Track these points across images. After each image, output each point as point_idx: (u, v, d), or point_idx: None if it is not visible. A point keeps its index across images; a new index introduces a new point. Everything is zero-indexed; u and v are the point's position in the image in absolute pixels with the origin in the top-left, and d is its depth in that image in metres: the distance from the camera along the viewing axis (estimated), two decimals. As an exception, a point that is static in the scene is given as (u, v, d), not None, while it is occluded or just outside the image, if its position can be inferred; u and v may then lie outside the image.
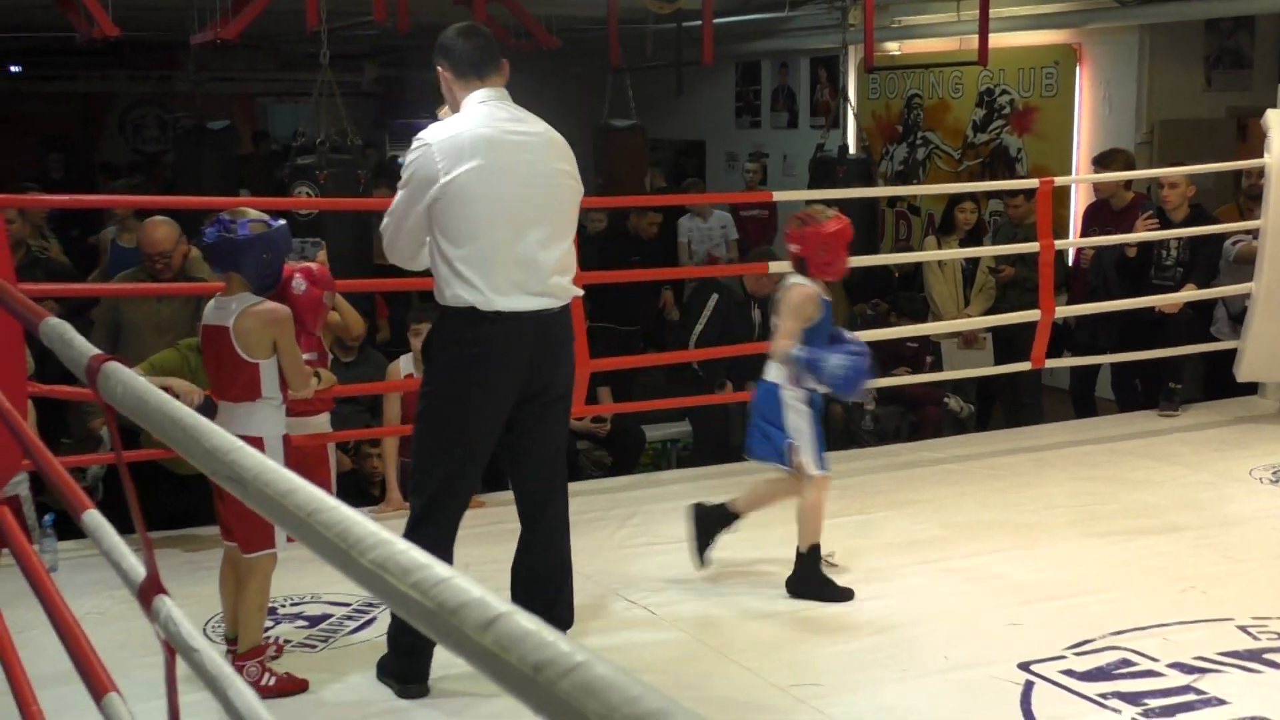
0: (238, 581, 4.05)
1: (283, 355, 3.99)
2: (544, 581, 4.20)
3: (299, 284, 4.17)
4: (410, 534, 3.98)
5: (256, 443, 3.84)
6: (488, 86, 4.00)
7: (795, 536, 4.72)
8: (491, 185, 3.86)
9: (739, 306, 7.53)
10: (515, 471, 4.25)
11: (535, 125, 4.05)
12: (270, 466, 1.35)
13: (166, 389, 4.94)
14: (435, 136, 3.90)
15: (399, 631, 4.00)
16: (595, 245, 8.44)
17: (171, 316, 5.99)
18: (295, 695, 3.99)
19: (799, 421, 4.64)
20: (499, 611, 0.91)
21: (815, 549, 4.72)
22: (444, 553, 4.03)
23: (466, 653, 0.93)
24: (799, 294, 4.66)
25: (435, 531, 3.97)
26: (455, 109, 4.04)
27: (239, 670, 3.90)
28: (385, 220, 4.05)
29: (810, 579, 4.71)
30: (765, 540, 5.33)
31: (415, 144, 3.94)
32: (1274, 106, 7.12)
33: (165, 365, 5.13)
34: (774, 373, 4.70)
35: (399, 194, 3.98)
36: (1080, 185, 9.72)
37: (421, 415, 4.09)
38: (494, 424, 4.05)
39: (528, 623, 0.89)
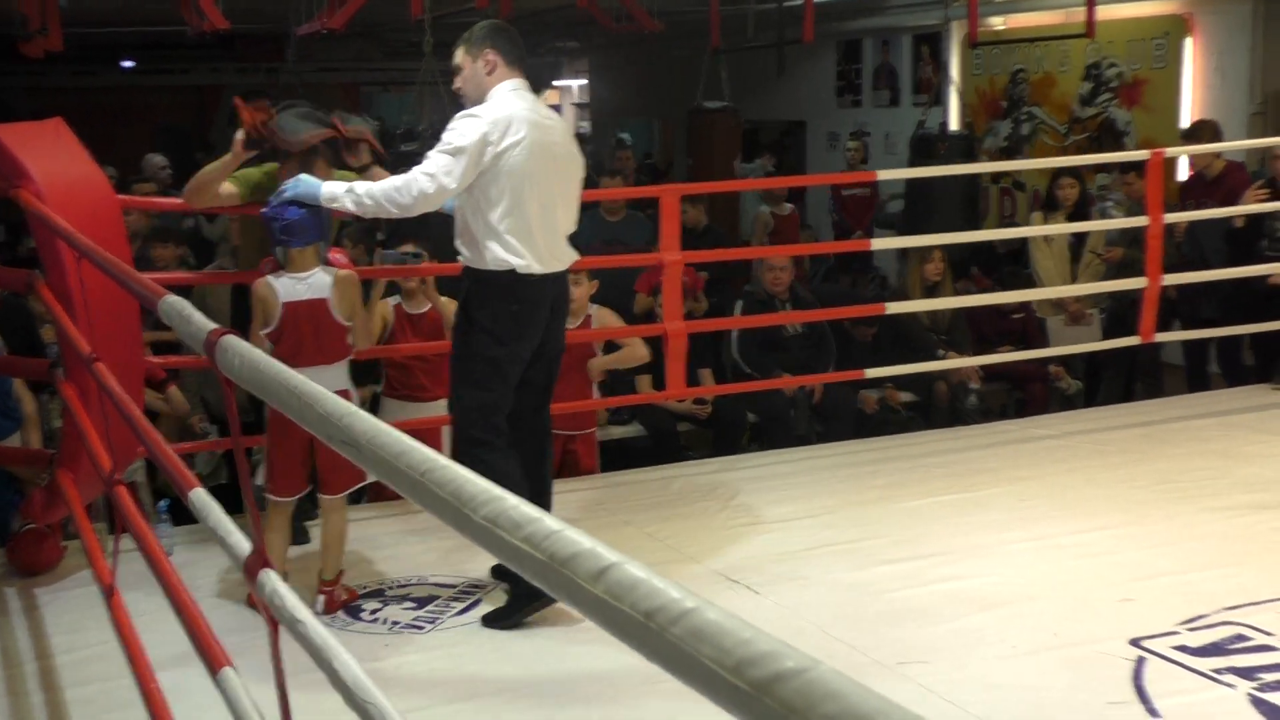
0: (326, 520, 4.48)
1: (357, 313, 4.42)
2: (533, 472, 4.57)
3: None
4: (465, 457, 4.36)
5: (345, 395, 4.16)
6: (519, 78, 4.42)
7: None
8: (531, 162, 4.29)
9: (762, 304, 7.40)
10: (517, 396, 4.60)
11: (551, 111, 4.56)
12: (384, 429, 1.39)
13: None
14: (486, 114, 4.28)
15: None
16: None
17: None
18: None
19: None
20: (610, 561, 0.93)
21: None
22: (506, 470, 4.40)
23: (579, 602, 0.95)
24: None
25: (489, 455, 4.36)
26: (478, 89, 4.38)
27: (328, 594, 4.34)
28: (420, 178, 4.26)
29: None
30: (867, 518, 5.31)
31: (464, 117, 4.28)
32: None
33: (249, 179, 5.15)
34: None
35: (444, 159, 4.25)
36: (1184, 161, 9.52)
37: (464, 364, 4.46)
38: (520, 369, 4.47)
39: (638, 571, 0.91)
